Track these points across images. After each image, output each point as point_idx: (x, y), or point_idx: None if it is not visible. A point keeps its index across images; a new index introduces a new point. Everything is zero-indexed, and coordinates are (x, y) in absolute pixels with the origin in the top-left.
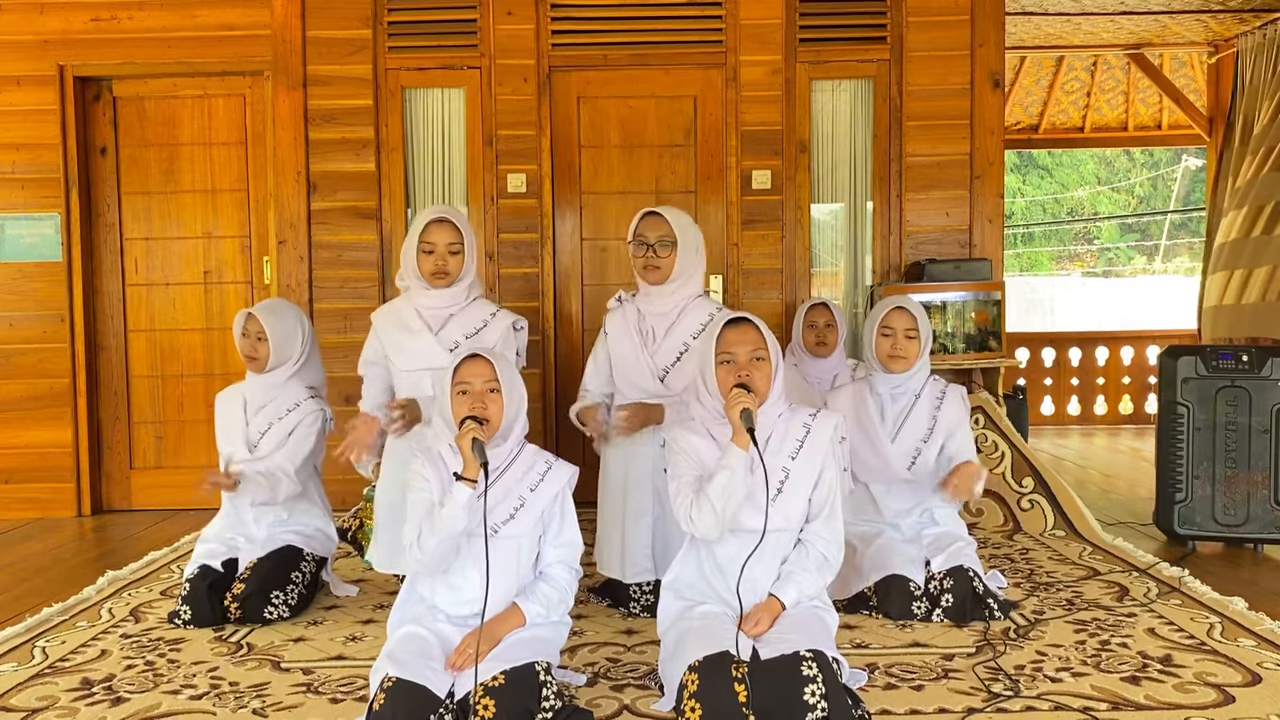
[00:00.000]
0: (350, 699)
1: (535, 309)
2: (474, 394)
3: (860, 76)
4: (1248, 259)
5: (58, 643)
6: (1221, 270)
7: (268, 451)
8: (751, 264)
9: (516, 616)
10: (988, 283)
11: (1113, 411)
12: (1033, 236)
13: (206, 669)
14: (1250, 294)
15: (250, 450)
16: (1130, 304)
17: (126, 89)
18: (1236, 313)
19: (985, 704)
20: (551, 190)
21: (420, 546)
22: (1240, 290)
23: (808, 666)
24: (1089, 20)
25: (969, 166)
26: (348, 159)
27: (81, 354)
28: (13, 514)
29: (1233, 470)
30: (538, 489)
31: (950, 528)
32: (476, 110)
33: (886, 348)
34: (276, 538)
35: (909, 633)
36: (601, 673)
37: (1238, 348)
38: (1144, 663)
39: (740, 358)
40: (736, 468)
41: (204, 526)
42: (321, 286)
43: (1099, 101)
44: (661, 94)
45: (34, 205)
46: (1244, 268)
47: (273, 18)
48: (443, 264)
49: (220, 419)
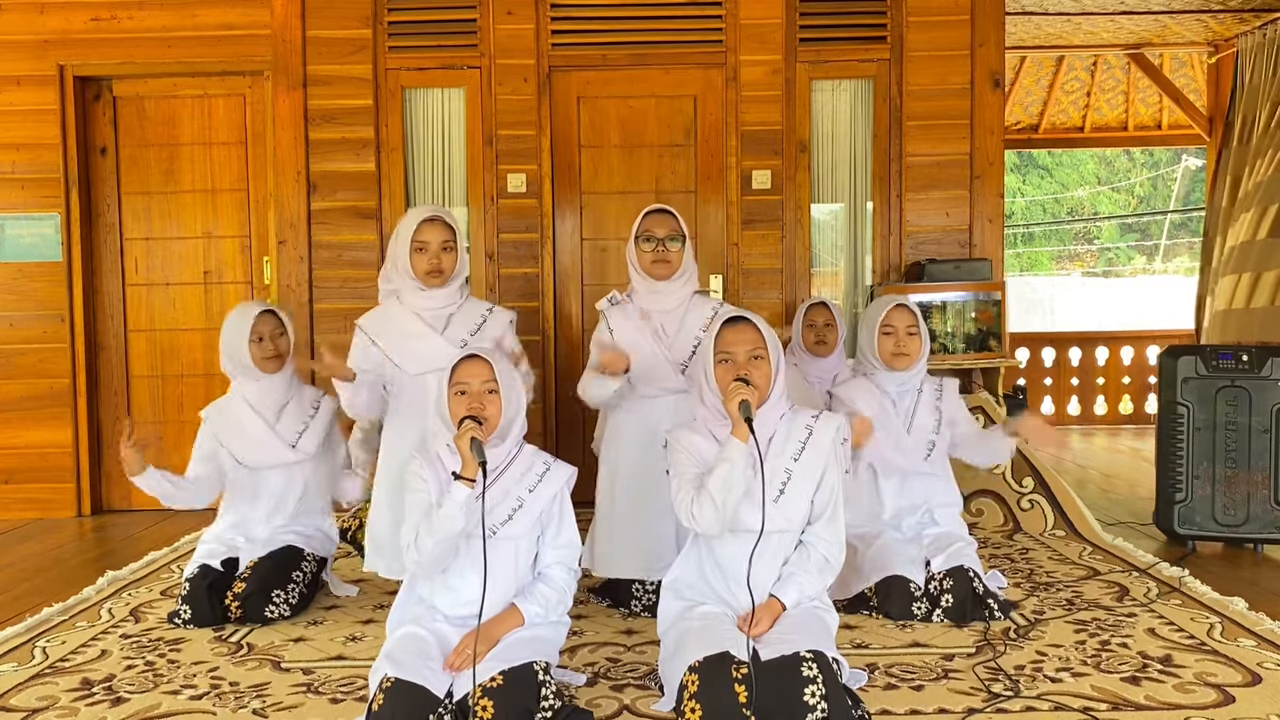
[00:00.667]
0: (350, 699)
1: (535, 309)
2: (472, 394)
3: (860, 76)
4: (1256, 261)
5: (58, 643)
6: (1231, 273)
7: (312, 451)
8: (751, 264)
9: (515, 617)
10: (988, 283)
11: (1113, 411)
12: (1033, 236)
13: (206, 669)
14: (1260, 298)
15: (292, 449)
16: (1130, 304)
17: (126, 89)
18: (1247, 316)
19: (985, 704)
20: (551, 190)
21: (418, 547)
22: (1249, 294)
23: (808, 667)
24: (1089, 20)
25: (969, 166)
26: (348, 159)
27: (81, 354)
28: (13, 514)
29: (1233, 470)
30: (536, 490)
31: (950, 528)
32: (476, 110)
33: (890, 346)
34: (277, 538)
35: (909, 633)
36: (601, 673)
37: (1238, 347)
38: (1144, 663)
39: (738, 356)
40: (736, 460)
41: (204, 527)
42: (321, 286)
43: (1099, 101)
44: (661, 94)
45: (34, 205)
46: (1253, 270)
47: (273, 18)
48: (436, 262)
49: (229, 434)
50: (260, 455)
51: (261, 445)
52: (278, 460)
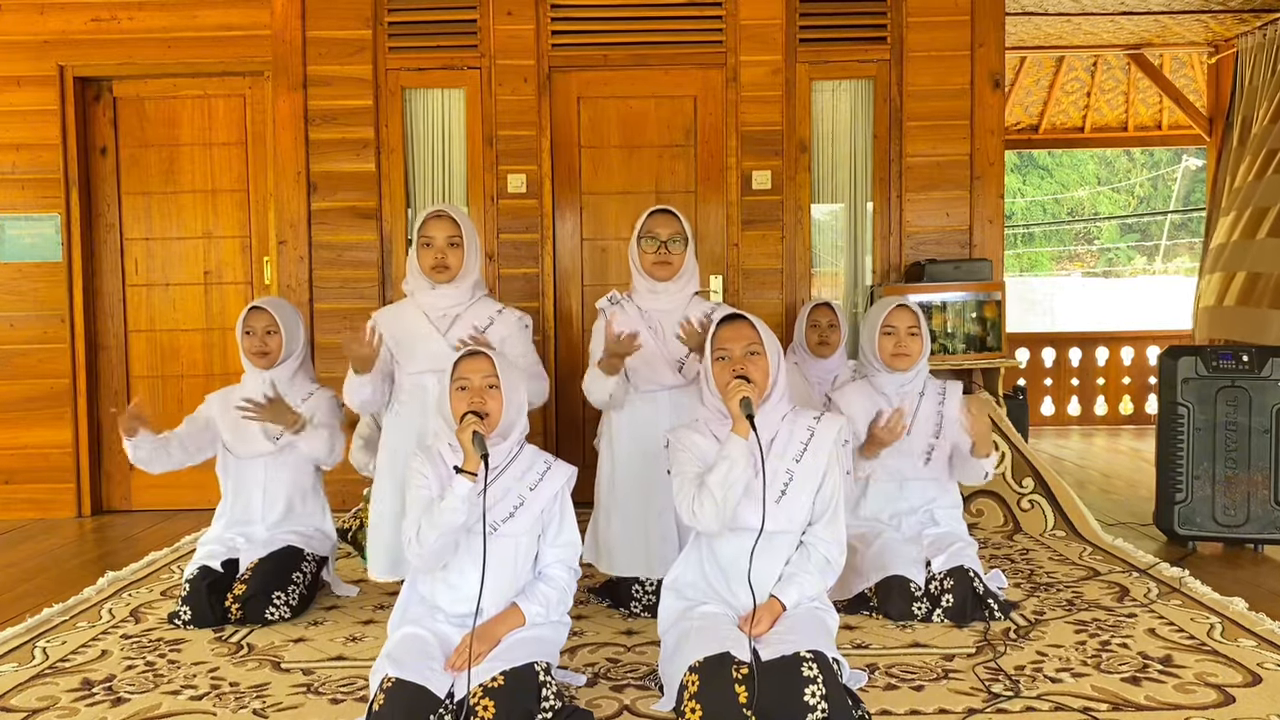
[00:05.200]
0: (350, 699)
1: (535, 309)
2: (473, 389)
3: (860, 76)
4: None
5: (58, 643)
6: (1218, 272)
7: (288, 443)
8: (752, 264)
9: (516, 616)
10: (988, 283)
11: (1113, 412)
12: (1033, 236)
13: (207, 669)
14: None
15: (274, 442)
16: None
17: (126, 89)
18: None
19: (985, 704)
20: (551, 190)
21: (419, 540)
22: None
23: (808, 667)
24: (1089, 20)
25: (969, 167)
26: (348, 159)
27: (81, 354)
28: (13, 514)
29: (1233, 470)
30: (537, 488)
31: (951, 528)
32: (476, 110)
33: (890, 346)
34: (277, 538)
35: (909, 633)
36: (601, 673)
37: (1238, 347)
38: (1144, 663)
39: (735, 353)
40: (737, 457)
41: (204, 527)
42: (321, 287)
43: (1099, 102)
44: (661, 94)
45: (34, 205)
46: (1224, 271)
47: (273, 18)
48: (442, 257)
49: (225, 417)
50: (245, 446)
51: (247, 436)
52: (259, 451)
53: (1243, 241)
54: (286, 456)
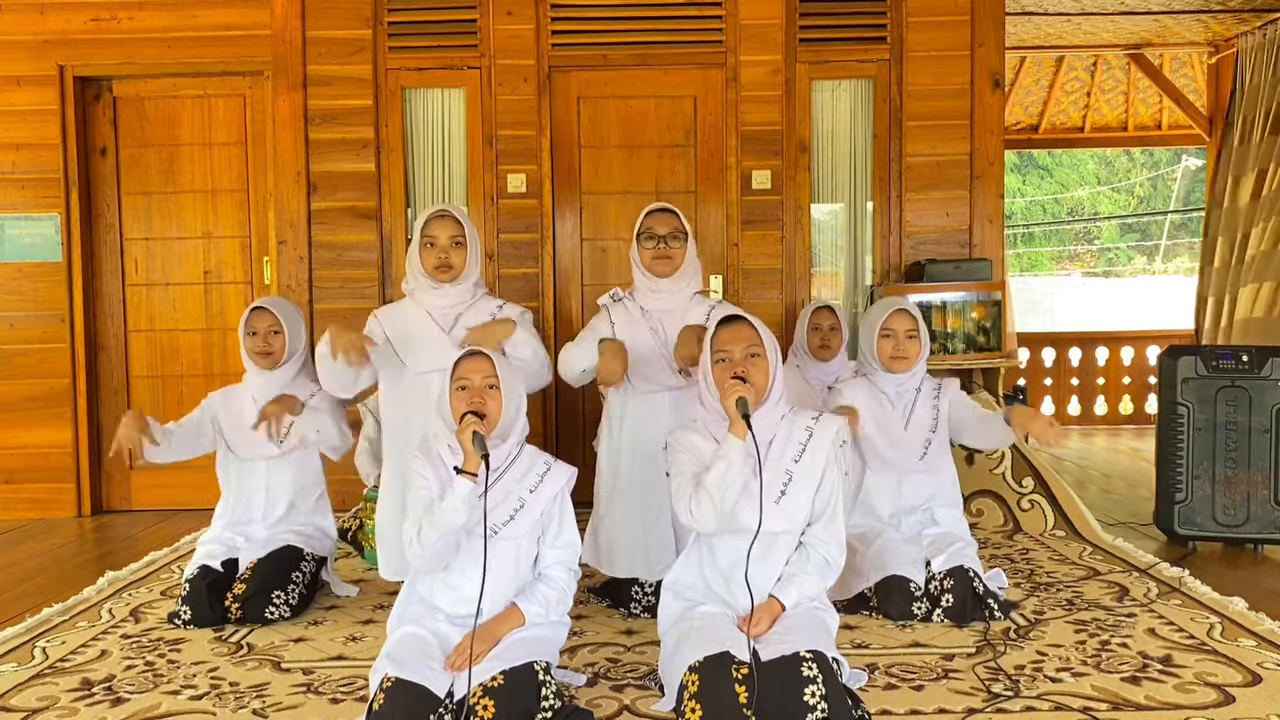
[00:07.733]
0: (350, 699)
1: (535, 309)
2: (473, 389)
3: (860, 76)
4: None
5: (58, 643)
6: (1252, 283)
7: (293, 445)
8: (751, 264)
9: (516, 616)
10: (988, 283)
11: (1113, 412)
12: (1033, 236)
13: (206, 669)
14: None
15: (279, 446)
16: (1130, 304)
17: (126, 89)
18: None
19: (985, 704)
20: (551, 190)
21: (420, 541)
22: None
23: (808, 667)
24: (1089, 20)
25: (969, 166)
26: (348, 159)
27: (81, 354)
28: (13, 514)
29: (1233, 470)
30: (537, 490)
31: (950, 528)
32: (476, 110)
33: (889, 349)
34: (276, 538)
35: (909, 633)
36: (601, 673)
37: (1238, 348)
38: (1144, 663)
39: (735, 354)
40: (734, 458)
41: (204, 527)
42: (321, 287)
43: (1099, 101)
44: (661, 94)
45: (34, 205)
46: (1255, 281)
47: (273, 18)
48: (445, 257)
49: (227, 417)
50: (249, 448)
51: (251, 438)
52: (263, 453)
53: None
54: (289, 456)
